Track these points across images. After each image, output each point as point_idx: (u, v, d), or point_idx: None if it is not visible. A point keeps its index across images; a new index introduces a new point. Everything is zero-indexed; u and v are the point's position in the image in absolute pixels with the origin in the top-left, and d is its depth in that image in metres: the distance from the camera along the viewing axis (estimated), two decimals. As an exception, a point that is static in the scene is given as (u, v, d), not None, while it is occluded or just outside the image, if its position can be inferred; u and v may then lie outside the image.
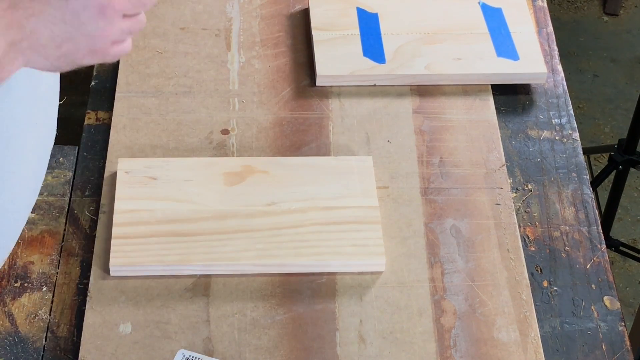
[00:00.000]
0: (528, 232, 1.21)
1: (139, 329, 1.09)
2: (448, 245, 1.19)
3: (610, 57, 3.05)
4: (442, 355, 1.08)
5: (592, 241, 1.21)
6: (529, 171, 1.28)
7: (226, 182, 1.21)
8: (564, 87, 1.40)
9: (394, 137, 1.30)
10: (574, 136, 1.33)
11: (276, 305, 1.12)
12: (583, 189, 1.27)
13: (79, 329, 1.09)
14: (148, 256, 1.13)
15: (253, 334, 1.09)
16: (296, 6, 1.48)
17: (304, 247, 1.15)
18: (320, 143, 1.29)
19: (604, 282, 1.17)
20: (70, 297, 1.13)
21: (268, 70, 1.39)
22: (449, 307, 1.13)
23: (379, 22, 1.43)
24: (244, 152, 1.27)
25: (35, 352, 1.09)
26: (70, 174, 1.26)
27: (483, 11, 1.45)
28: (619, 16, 3.18)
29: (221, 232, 1.16)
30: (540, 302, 1.15)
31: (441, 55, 1.38)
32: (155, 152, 1.27)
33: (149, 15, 1.45)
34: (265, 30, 1.44)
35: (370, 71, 1.36)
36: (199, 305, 1.11)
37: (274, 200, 1.19)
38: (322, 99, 1.35)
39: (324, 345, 1.09)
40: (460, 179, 1.26)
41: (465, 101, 1.36)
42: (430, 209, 1.22)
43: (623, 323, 1.13)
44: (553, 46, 1.46)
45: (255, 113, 1.32)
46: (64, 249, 1.17)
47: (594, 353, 1.10)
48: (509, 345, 1.09)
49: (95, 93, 1.36)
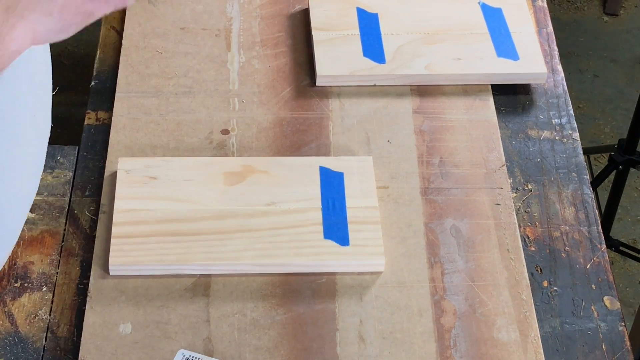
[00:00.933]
0: (528, 232, 1.21)
1: (139, 329, 1.09)
2: (448, 245, 1.19)
3: (610, 57, 3.05)
4: (442, 355, 1.08)
5: (592, 241, 1.21)
6: (529, 171, 1.28)
7: (226, 182, 1.21)
8: (564, 87, 1.40)
9: (394, 137, 1.30)
10: (574, 136, 1.33)
11: (276, 305, 1.12)
12: (583, 189, 1.27)
13: (79, 329, 1.09)
14: (148, 256, 1.13)
15: (253, 334, 1.09)
16: (296, 6, 1.48)
17: (304, 247, 1.15)
18: (320, 143, 1.29)
19: (604, 282, 1.17)
20: (70, 297, 1.13)
21: (268, 70, 1.39)
22: (449, 307, 1.13)
23: (379, 22, 1.43)
24: (244, 152, 1.27)
25: (35, 352, 1.09)
26: (70, 174, 1.26)
27: (483, 11, 1.45)
28: (619, 16, 3.18)
29: (221, 232, 1.16)
30: (540, 302, 1.15)
31: (441, 55, 1.38)
32: (155, 152, 1.27)
33: (149, 15, 1.45)
34: (265, 30, 1.44)
35: (370, 71, 1.36)
36: (199, 305, 1.11)
37: (274, 200, 1.19)
38: (322, 99, 1.35)
39: (324, 345, 1.09)
40: (460, 179, 1.26)
41: (465, 101, 1.36)
42: (430, 209, 1.22)
43: (623, 323, 1.13)
44: (553, 46, 1.46)
45: (255, 113, 1.32)
46: (64, 249, 1.17)
47: (594, 353, 1.10)
48: (509, 345, 1.09)
49: (95, 93, 1.36)
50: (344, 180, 1.22)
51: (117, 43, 1.42)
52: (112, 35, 1.44)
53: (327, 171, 1.23)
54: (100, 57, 1.41)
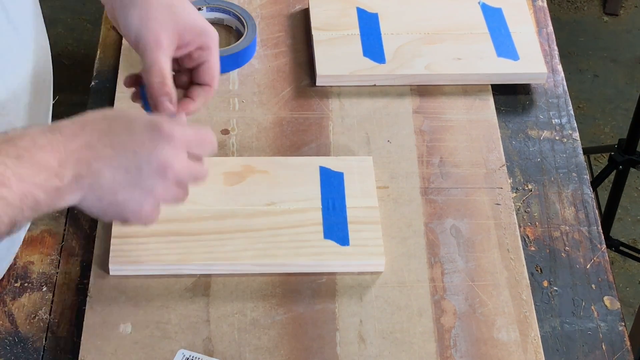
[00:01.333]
0: (528, 232, 1.21)
1: (139, 329, 1.09)
2: (448, 245, 1.19)
3: (610, 57, 3.05)
4: (442, 355, 1.08)
5: (592, 241, 1.21)
6: (529, 171, 1.28)
7: (226, 182, 1.21)
8: (564, 87, 1.40)
9: (394, 137, 1.30)
10: (574, 136, 1.33)
11: (276, 305, 1.12)
12: (583, 189, 1.27)
13: (79, 329, 1.09)
14: (148, 256, 1.13)
15: (253, 334, 1.09)
16: (296, 6, 1.48)
17: (304, 247, 1.15)
18: (320, 143, 1.29)
19: (604, 282, 1.17)
20: (70, 297, 1.13)
21: (268, 70, 1.39)
22: (449, 307, 1.13)
23: (379, 22, 1.43)
24: (244, 152, 1.27)
25: (35, 352, 1.09)
26: (70, 174, 1.25)
27: (483, 11, 1.45)
28: (619, 16, 3.18)
29: (221, 232, 1.16)
30: (540, 302, 1.15)
31: (441, 55, 1.38)
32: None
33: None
34: (265, 30, 1.44)
35: (370, 71, 1.36)
36: (199, 305, 1.11)
37: (274, 200, 1.19)
38: (322, 99, 1.35)
39: (324, 345, 1.09)
40: (460, 179, 1.26)
41: (465, 101, 1.36)
42: (430, 209, 1.22)
43: (623, 323, 1.13)
44: (553, 46, 1.46)
45: (255, 113, 1.32)
46: (64, 249, 1.17)
47: (594, 353, 1.10)
48: (509, 345, 1.09)
49: (95, 93, 1.36)
50: (344, 180, 1.22)
51: (117, 43, 1.42)
52: (112, 35, 1.43)
53: (327, 171, 1.23)
54: (100, 57, 1.40)
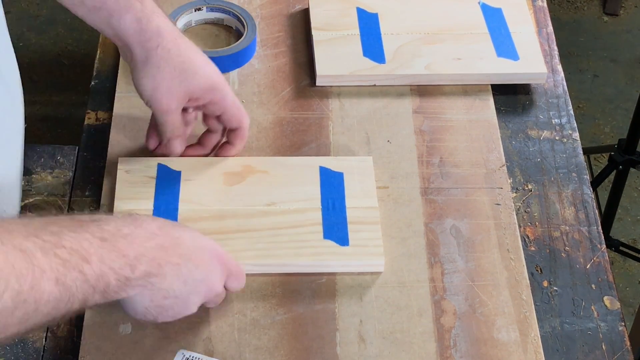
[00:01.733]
0: (528, 232, 1.21)
1: (139, 329, 1.09)
2: (448, 245, 1.19)
3: (610, 57, 3.05)
4: (442, 355, 1.08)
5: (592, 241, 1.21)
6: (529, 171, 1.28)
7: (226, 182, 1.21)
8: (564, 87, 1.40)
9: (394, 137, 1.30)
10: (574, 136, 1.33)
11: (276, 305, 1.12)
12: (583, 189, 1.27)
13: (79, 329, 1.09)
14: (148, 256, 1.13)
15: (253, 334, 1.09)
16: (296, 6, 1.48)
17: (304, 247, 1.15)
18: (320, 143, 1.29)
19: (604, 282, 1.17)
20: (70, 297, 1.13)
21: (268, 70, 1.39)
22: (449, 307, 1.13)
23: (379, 22, 1.43)
24: (244, 152, 1.27)
25: (35, 352, 1.09)
26: (70, 174, 1.26)
27: (483, 11, 1.45)
28: (619, 16, 3.19)
29: (221, 232, 1.16)
30: (540, 302, 1.15)
31: (441, 55, 1.38)
32: (155, 153, 1.27)
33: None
34: (265, 30, 1.44)
35: (370, 71, 1.36)
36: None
37: (274, 200, 1.19)
38: (322, 99, 1.35)
39: (324, 345, 1.09)
40: (460, 179, 1.26)
41: (465, 101, 1.36)
42: (430, 209, 1.22)
43: (623, 323, 1.13)
44: (553, 46, 1.46)
45: (255, 113, 1.32)
46: (64, 249, 1.17)
47: (594, 353, 1.10)
48: (509, 345, 1.09)
49: (95, 93, 1.36)
50: (343, 180, 1.22)
51: (117, 43, 1.42)
52: (112, 35, 1.43)
53: (327, 171, 1.23)
54: (100, 57, 1.40)
